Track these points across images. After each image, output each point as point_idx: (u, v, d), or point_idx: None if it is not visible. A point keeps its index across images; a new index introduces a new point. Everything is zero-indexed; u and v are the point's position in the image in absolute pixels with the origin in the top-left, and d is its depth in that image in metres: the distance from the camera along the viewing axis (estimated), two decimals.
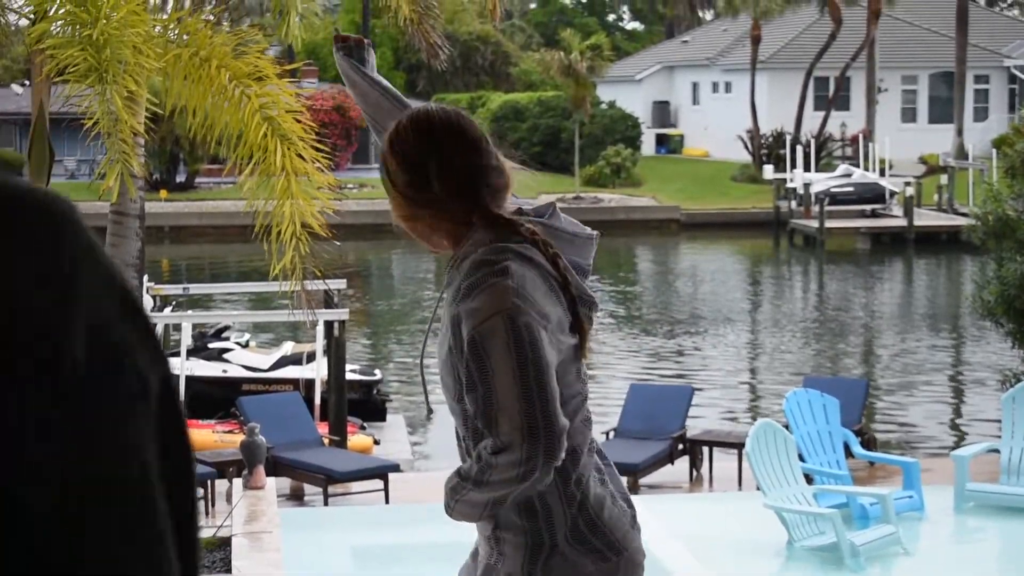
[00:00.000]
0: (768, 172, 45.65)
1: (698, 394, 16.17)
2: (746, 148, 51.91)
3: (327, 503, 12.57)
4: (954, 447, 15.54)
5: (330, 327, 15.52)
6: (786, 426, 11.34)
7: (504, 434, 3.11)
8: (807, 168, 44.53)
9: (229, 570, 9.70)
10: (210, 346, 19.15)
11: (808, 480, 11.14)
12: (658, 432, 13.52)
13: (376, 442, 16.23)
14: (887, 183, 43.41)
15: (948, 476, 11.93)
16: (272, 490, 11.59)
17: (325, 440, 13.92)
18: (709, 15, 73.24)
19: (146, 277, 15.64)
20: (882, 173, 45.02)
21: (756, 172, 48.70)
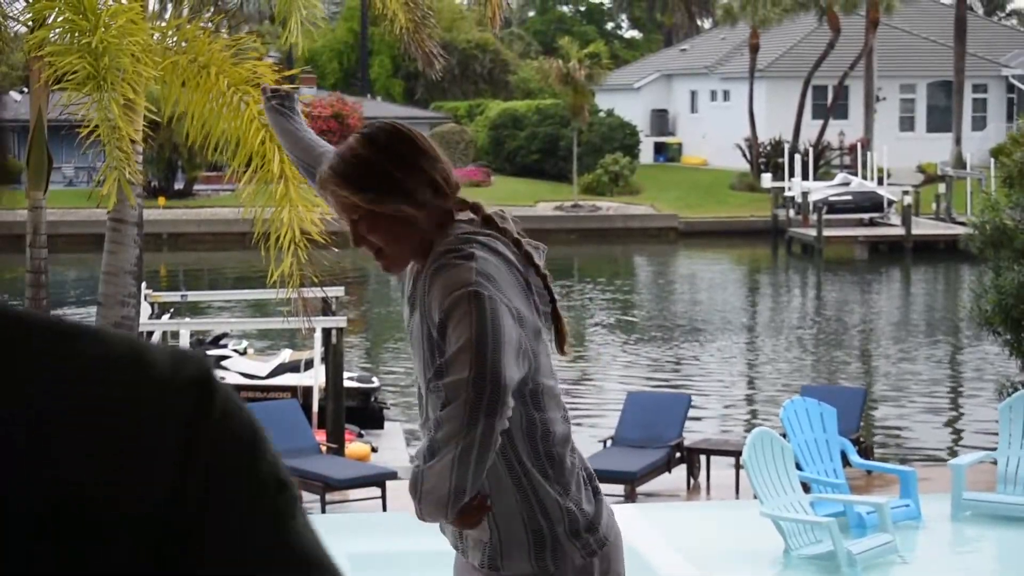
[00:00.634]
0: (766, 180, 45.64)
1: (696, 402, 16.17)
2: (744, 156, 51.92)
3: (324, 510, 12.56)
4: (951, 456, 15.55)
5: (328, 334, 15.52)
6: (783, 434, 11.33)
7: (451, 388, 3.14)
8: (805, 177, 44.53)
9: None
10: (208, 353, 19.12)
11: (805, 489, 11.13)
12: (655, 440, 13.52)
13: (374, 449, 16.20)
14: (885, 192, 43.43)
15: (945, 485, 11.92)
16: None
17: (323, 447, 13.91)
18: (707, 24, 73.36)
19: (144, 284, 15.63)
20: (880, 182, 45.04)
21: (754, 180, 48.70)
